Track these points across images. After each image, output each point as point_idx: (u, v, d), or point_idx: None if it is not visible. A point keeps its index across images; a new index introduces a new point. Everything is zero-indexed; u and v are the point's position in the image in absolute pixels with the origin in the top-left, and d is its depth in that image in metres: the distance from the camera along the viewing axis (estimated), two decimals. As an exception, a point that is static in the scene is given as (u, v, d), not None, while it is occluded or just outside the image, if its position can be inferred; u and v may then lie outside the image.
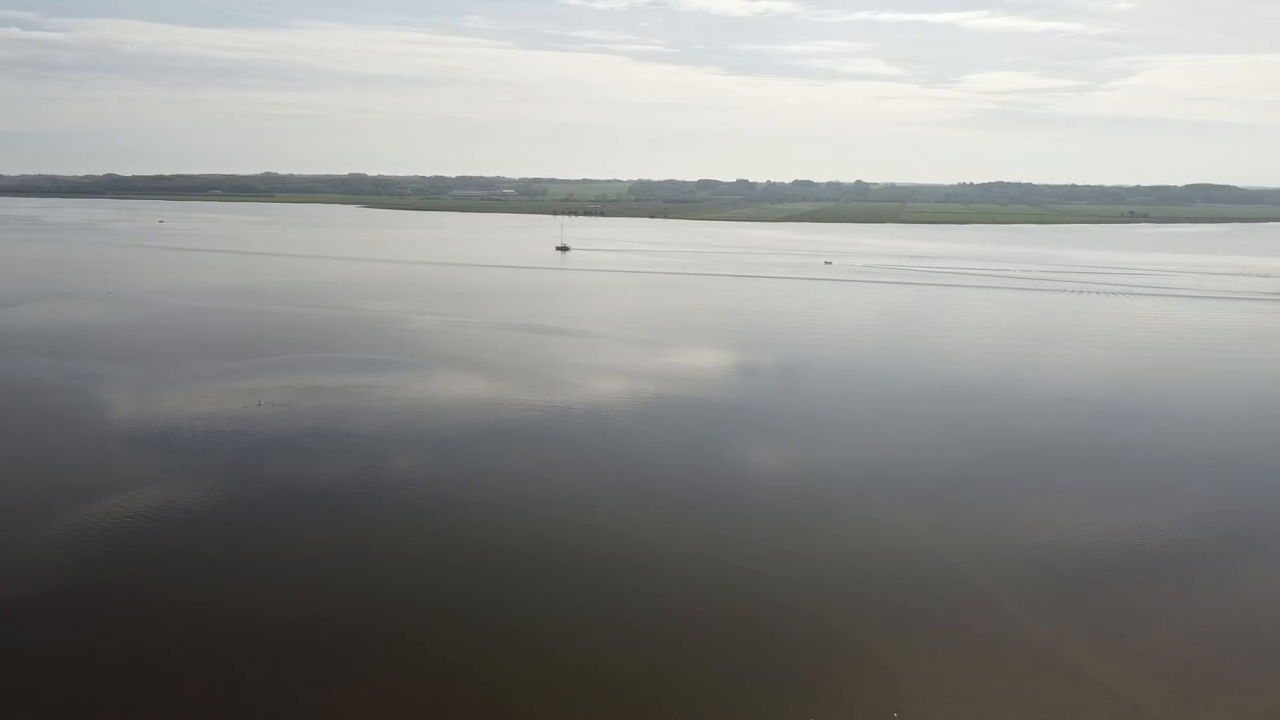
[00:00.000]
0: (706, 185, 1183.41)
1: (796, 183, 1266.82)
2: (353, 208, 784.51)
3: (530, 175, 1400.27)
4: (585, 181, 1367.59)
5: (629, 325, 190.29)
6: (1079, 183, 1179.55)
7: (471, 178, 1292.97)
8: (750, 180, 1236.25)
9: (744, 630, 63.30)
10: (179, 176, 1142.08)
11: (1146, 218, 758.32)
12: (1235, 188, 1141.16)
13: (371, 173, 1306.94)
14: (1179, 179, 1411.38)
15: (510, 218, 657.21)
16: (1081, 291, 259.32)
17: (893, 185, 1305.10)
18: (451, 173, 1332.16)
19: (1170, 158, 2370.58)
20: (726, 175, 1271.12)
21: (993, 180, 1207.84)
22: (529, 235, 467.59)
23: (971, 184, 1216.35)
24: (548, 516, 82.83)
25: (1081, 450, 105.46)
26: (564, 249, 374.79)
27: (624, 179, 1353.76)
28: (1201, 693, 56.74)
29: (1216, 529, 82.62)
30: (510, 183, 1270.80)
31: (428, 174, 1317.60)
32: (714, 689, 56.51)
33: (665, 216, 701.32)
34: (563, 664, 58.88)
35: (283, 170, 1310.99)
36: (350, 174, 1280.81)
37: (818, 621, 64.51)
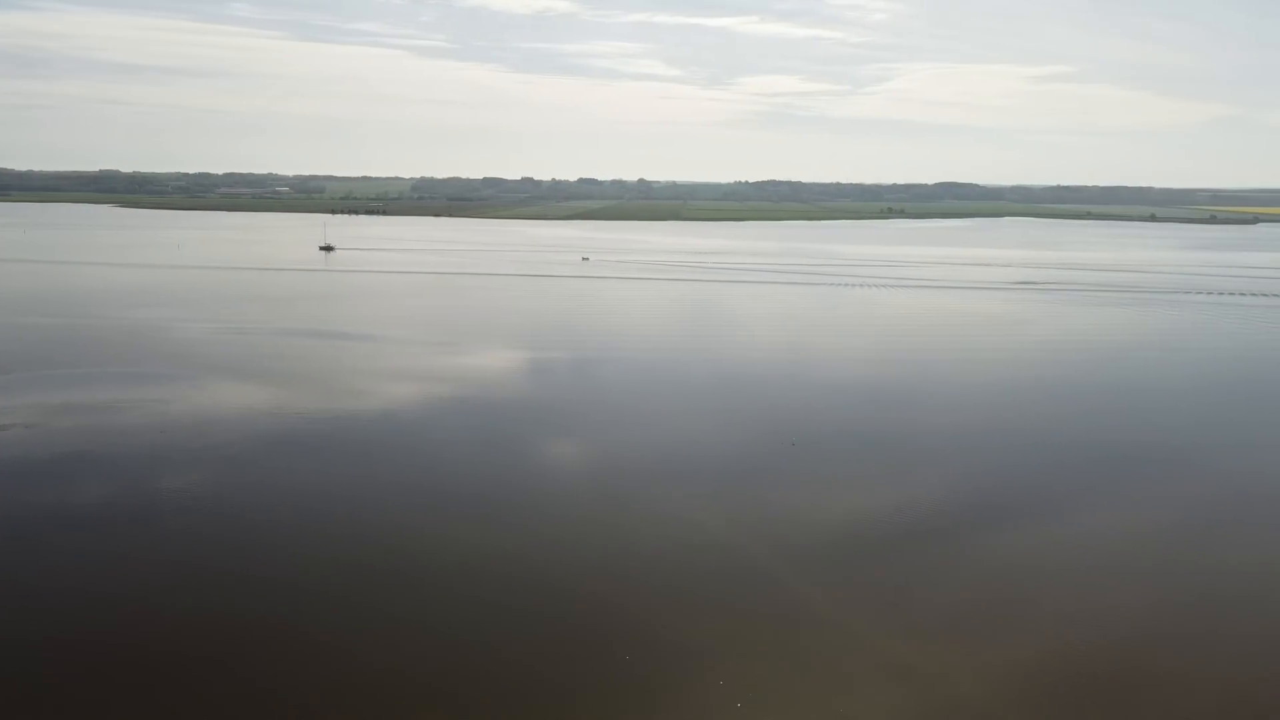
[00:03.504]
0: (492, 183, 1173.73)
1: (581, 180, 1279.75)
2: (106, 207, 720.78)
3: (306, 172, 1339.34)
4: (365, 179, 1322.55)
5: (408, 327, 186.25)
6: (843, 181, 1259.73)
7: (241, 175, 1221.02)
8: (536, 178, 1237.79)
9: (554, 628, 63.76)
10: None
11: (903, 213, 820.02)
12: (978, 185, 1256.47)
13: (126, 169, 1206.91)
14: (929, 177, 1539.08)
15: (283, 217, 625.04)
16: (850, 285, 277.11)
17: (674, 183, 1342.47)
18: (218, 169, 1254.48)
19: (922, 158, 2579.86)
20: (512, 173, 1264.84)
21: (766, 179, 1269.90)
22: (300, 235, 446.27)
23: (747, 182, 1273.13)
24: (342, 528, 79.98)
25: (856, 434, 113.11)
26: (328, 249, 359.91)
27: (406, 176, 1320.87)
28: (966, 648, 62.46)
29: (973, 499, 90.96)
30: (284, 180, 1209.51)
31: (191, 170, 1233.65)
32: (527, 688, 56.65)
33: (450, 215, 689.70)
34: (371, 675, 57.23)
35: (20, 166, 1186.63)
36: (101, 170, 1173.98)
37: (624, 614, 65.93)
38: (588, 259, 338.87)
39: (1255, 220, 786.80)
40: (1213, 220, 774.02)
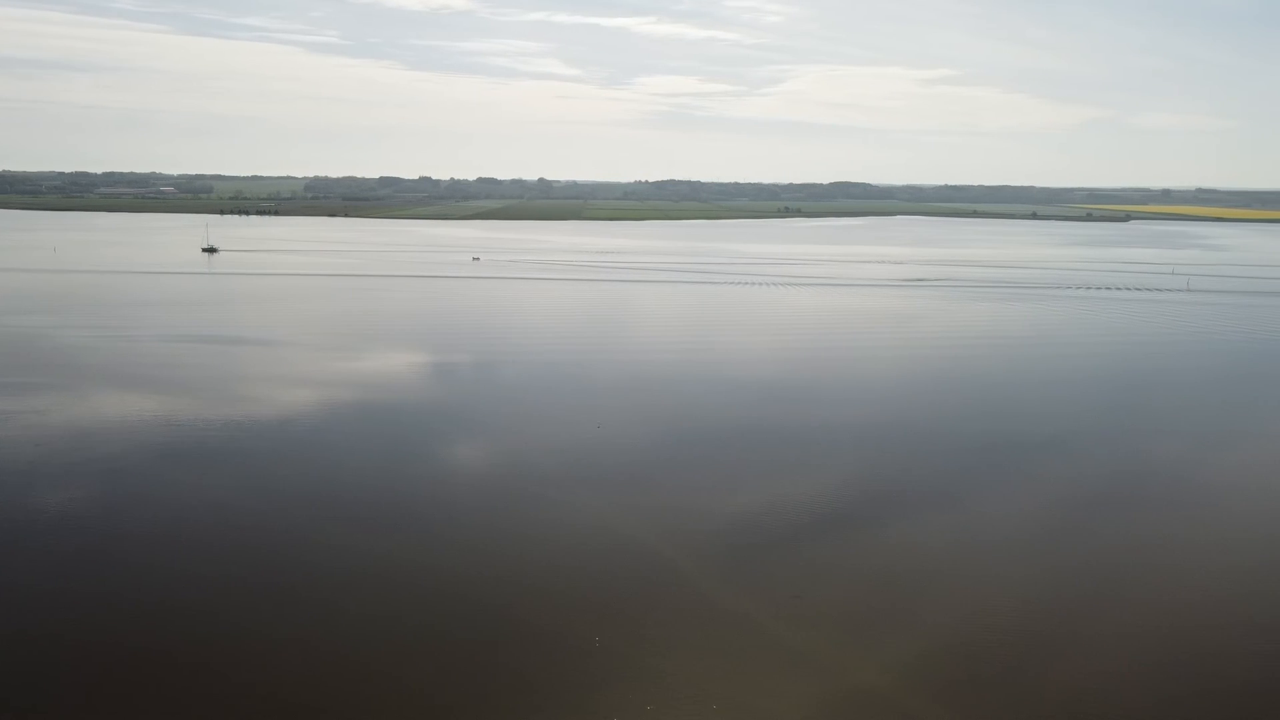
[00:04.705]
0: (388, 182, 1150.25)
1: (481, 180, 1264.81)
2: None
3: (193, 171, 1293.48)
4: (256, 178, 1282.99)
5: (289, 331, 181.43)
6: (741, 180, 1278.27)
7: (122, 174, 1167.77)
8: (434, 178, 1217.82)
9: (465, 636, 63.05)
10: None
11: (799, 213, 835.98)
12: (870, 185, 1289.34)
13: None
14: (824, 177, 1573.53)
15: (168, 218, 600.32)
16: (749, 283, 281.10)
17: (574, 183, 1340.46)
18: (97, 168, 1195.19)
19: (816, 158, 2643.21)
20: (409, 172, 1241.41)
21: (666, 178, 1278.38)
22: (184, 236, 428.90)
23: (646, 182, 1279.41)
24: (233, 542, 77.48)
25: (756, 429, 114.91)
26: (211, 250, 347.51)
27: (299, 176, 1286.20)
28: (865, 636, 64.22)
29: (868, 491, 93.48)
30: (169, 179, 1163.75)
31: (67, 169, 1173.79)
32: (437, 698, 55.87)
33: (346, 215, 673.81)
34: (279, 690, 55.62)
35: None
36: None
37: (535, 621, 65.61)
38: (479, 259, 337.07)
39: (1128, 218, 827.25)
40: (1089, 218, 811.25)
